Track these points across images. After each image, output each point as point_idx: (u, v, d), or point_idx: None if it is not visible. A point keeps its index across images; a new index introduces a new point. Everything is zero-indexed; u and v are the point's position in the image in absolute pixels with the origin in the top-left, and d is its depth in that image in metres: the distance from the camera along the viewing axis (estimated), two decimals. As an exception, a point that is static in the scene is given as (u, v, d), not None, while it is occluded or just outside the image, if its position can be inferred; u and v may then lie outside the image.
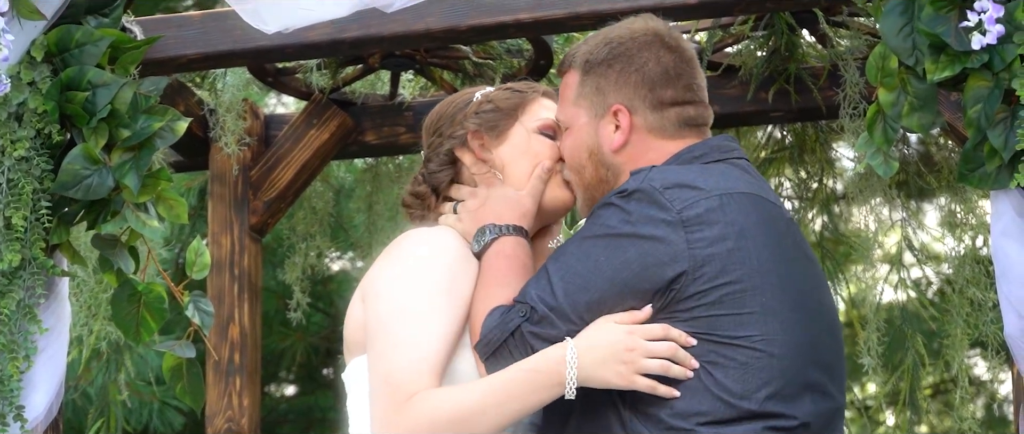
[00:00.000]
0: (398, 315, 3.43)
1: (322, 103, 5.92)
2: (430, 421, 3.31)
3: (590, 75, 3.58)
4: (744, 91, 5.80)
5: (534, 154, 3.68)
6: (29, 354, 3.87)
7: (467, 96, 3.80)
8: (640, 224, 3.31)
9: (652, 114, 3.54)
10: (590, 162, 3.57)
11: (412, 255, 3.51)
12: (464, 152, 3.71)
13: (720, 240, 3.30)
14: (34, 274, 3.88)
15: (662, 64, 3.57)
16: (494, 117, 3.71)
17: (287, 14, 3.97)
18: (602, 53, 3.58)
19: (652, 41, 3.59)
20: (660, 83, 3.56)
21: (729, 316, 3.30)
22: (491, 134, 3.69)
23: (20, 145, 3.87)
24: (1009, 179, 3.52)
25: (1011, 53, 3.49)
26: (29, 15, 3.86)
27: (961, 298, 6.11)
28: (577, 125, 3.58)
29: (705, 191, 3.35)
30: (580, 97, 3.59)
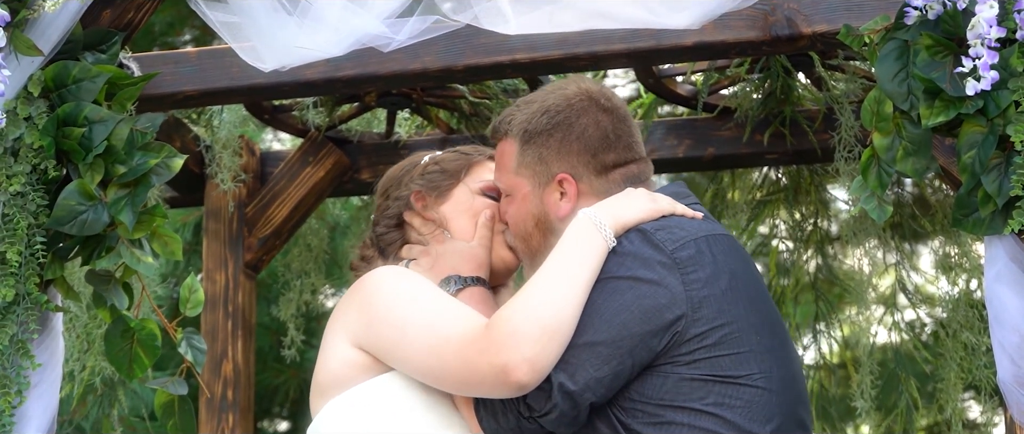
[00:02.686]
0: (415, 308, 3.41)
1: (318, 141, 5.93)
2: (526, 317, 3.25)
3: (530, 145, 3.59)
4: (740, 133, 5.81)
5: (476, 211, 3.74)
6: (22, 389, 3.86)
7: (416, 159, 3.87)
8: (636, 267, 3.31)
9: (597, 179, 3.57)
10: (537, 230, 3.59)
11: (386, 278, 3.52)
12: (412, 215, 3.77)
13: (713, 281, 3.32)
14: (28, 309, 3.87)
15: (601, 128, 3.59)
16: (438, 178, 3.78)
17: (284, 52, 3.98)
18: (541, 123, 3.58)
19: (588, 106, 3.60)
20: (602, 148, 3.58)
21: (729, 356, 3.31)
22: (433, 194, 3.76)
23: (16, 180, 3.86)
24: (1003, 225, 3.52)
25: (1006, 99, 3.49)
26: (26, 51, 3.86)
27: (955, 342, 6.11)
28: (520, 194, 3.61)
29: (690, 232, 3.37)
30: (521, 166, 3.61)
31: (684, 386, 3.28)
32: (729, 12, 3.93)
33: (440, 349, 3.33)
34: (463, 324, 3.32)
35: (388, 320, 3.43)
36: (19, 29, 3.86)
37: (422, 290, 3.44)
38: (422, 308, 3.39)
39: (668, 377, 3.28)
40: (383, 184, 3.90)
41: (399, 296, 3.44)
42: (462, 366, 3.28)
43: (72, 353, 5.84)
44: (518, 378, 3.20)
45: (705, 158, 5.93)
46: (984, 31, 3.46)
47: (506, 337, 3.23)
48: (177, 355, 4.22)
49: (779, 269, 6.78)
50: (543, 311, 3.24)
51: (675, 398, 3.28)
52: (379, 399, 3.47)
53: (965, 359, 6.10)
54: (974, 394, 7.64)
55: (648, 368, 3.29)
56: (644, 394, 3.28)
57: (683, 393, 3.27)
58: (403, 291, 3.45)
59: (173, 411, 4.16)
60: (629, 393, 3.29)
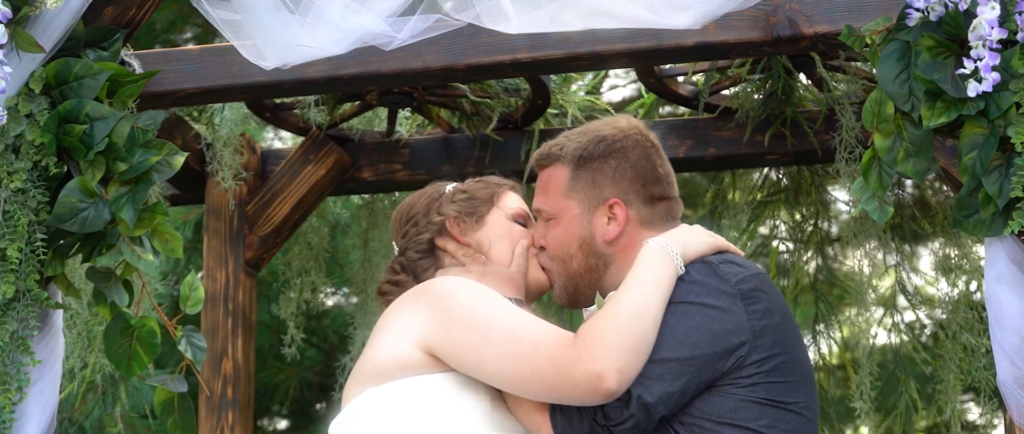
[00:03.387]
0: (499, 314, 3.50)
1: (319, 139, 5.93)
2: (617, 330, 3.37)
3: (584, 169, 3.71)
4: (740, 133, 5.81)
5: (513, 237, 3.83)
6: (22, 386, 3.86)
7: (437, 189, 3.93)
8: (705, 295, 3.44)
9: (645, 208, 3.70)
10: (580, 251, 3.70)
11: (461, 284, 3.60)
12: (446, 240, 3.84)
13: (769, 314, 3.46)
14: (28, 306, 3.87)
15: (651, 162, 3.74)
16: (471, 204, 3.86)
17: (286, 50, 3.97)
18: (598, 149, 3.72)
19: (641, 140, 3.75)
20: (651, 180, 3.72)
21: (782, 383, 3.45)
22: (470, 219, 3.84)
23: (17, 177, 3.86)
24: (1003, 226, 3.52)
25: (1007, 100, 3.50)
26: (28, 47, 3.86)
27: (954, 343, 6.11)
28: (567, 217, 3.71)
29: (746, 267, 3.52)
30: (572, 190, 3.72)
31: (741, 407, 3.41)
32: (731, 12, 3.93)
33: (529, 355, 3.43)
34: (551, 333, 3.44)
35: (468, 324, 3.51)
36: (21, 26, 3.86)
37: (499, 298, 3.56)
38: (504, 315, 3.50)
39: (727, 397, 3.41)
40: (405, 213, 3.95)
41: (477, 302, 3.54)
42: (554, 373, 3.39)
43: (73, 350, 5.84)
44: (608, 386, 3.33)
45: (706, 158, 5.93)
46: (986, 32, 3.47)
47: (599, 347, 3.35)
48: (177, 353, 4.22)
49: (779, 270, 6.78)
50: (631, 326, 3.37)
51: (733, 417, 3.41)
52: (432, 395, 3.55)
53: (964, 361, 6.10)
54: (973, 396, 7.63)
55: (710, 388, 3.42)
56: (704, 411, 3.41)
57: (740, 413, 3.41)
58: (480, 298, 3.55)
59: (173, 409, 4.17)
60: (690, 409, 3.42)
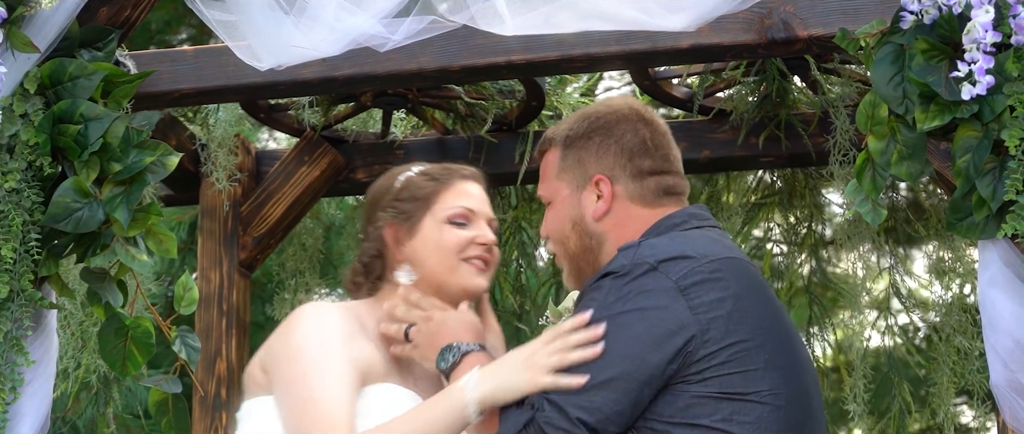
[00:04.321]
0: (304, 374, 3.54)
1: (314, 140, 5.93)
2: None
3: (571, 149, 3.68)
4: (735, 136, 5.81)
5: (444, 246, 3.77)
6: (15, 386, 3.86)
7: (390, 179, 3.88)
8: (640, 298, 3.35)
9: (632, 183, 3.63)
10: (574, 232, 3.65)
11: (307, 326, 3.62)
12: (386, 248, 3.83)
13: (719, 303, 3.36)
14: (22, 306, 3.87)
15: (640, 136, 3.67)
16: (409, 208, 3.81)
17: (280, 51, 3.98)
18: (582, 128, 3.69)
19: (629, 115, 3.69)
20: (639, 153, 3.65)
21: (738, 374, 3.34)
22: (405, 227, 3.80)
23: (11, 177, 3.86)
24: (997, 229, 3.52)
25: (1001, 104, 3.50)
26: (23, 47, 3.86)
27: (948, 346, 6.12)
28: (559, 198, 3.68)
29: (696, 259, 3.40)
30: (561, 171, 3.68)
31: (694, 404, 3.32)
32: (725, 15, 3.94)
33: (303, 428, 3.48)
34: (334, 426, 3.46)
35: (288, 370, 3.59)
36: (16, 26, 3.86)
37: (326, 355, 3.56)
38: (318, 381, 3.53)
39: (679, 396, 3.32)
40: (368, 201, 3.93)
41: (303, 353, 3.57)
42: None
43: (66, 350, 5.84)
44: None
45: (700, 160, 5.93)
46: (980, 36, 3.47)
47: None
48: (171, 353, 4.21)
49: (773, 272, 6.78)
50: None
51: (685, 416, 3.32)
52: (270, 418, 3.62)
53: (958, 363, 6.11)
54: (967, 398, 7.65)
55: (660, 388, 3.32)
56: (655, 412, 3.33)
57: (693, 410, 3.31)
58: (310, 350, 3.58)
59: (167, 409, 4.17)
60: (643, 412, 3.34)
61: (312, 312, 3.67)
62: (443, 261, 3.75)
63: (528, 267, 6.66)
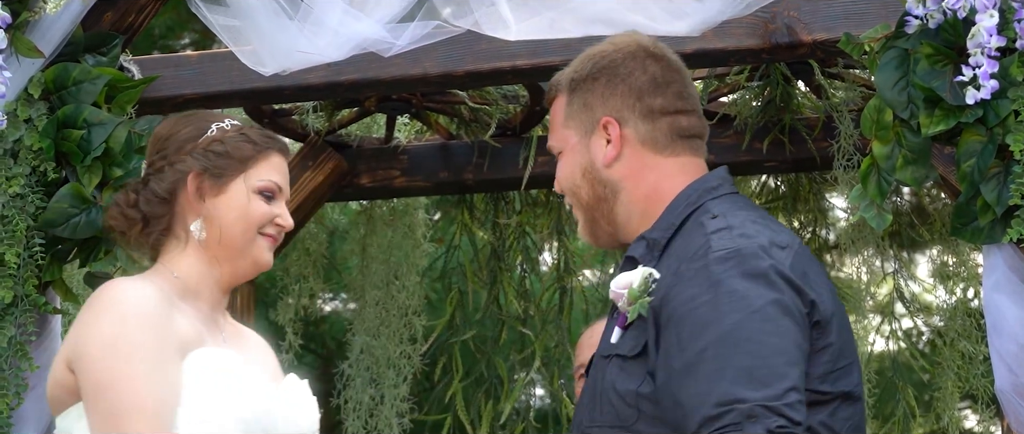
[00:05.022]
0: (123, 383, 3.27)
1: (318, 145, 5.93)
2: None
3: (576, 93, 3.48)
4: (739, 140, 5.80)
5: (250, 217, 3.53)
6: (19, 391, 3.86)
7: (203, 124, 3.60)
8: (772, 290, 3.15)
9: (643, 124, 3.44)
10: (585, 181, 3.47)
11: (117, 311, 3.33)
12: (185, 196, 3.54)
13: (822, 303, 3.22)
14: (26, 311, 3.88)
15: (649, 73, 3.47)
16: (221, 163, 3.54)
17: (285, 56, 3.98)
18: (586, 69, 3.47)
19: (636, 51, 3.49)
20: (648, 91, 3.46)
21: (838, 370, 3.24)
22: (213, 182, 3.53)
23: (15, 182, 3.87)
24: (1002, 234, 3.52)
25: (1005, 108, 3.50)
26: (27, 52, 3.87)
27: (952, 351, 6.11)
28: (568, 146, 3.49)
29: (789, 248, 3.24)
30: (568, 118, 3.50)
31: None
32: (729, 20, 3.94)
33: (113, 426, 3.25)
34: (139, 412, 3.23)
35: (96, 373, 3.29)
36: (20, 31, 3.87)
37: (138, 349, 3.29)
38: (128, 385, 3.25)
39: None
40: (162, 136, 3.61)
41: (118, 346, 3.29)
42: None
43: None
44: None
45: (705, 165, 5.93)
46: (984, 40, 3.47)
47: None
48: (175, 358, 4.21)
49: (777, 276, 6.77)
50: None
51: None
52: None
53: (962, 368, 6.10)
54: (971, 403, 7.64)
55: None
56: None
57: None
58: (126, 341, 3.29)
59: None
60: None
61: (120, 295, 3.35)
62: (245, 230, 3.53)
63: (532, 271, 6.65)
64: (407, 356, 6.29)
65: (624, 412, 3.24)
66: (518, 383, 6.65)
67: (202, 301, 3.53)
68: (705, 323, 3.12)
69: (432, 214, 6.95)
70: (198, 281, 3.53)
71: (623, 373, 3.27)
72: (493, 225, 6.47)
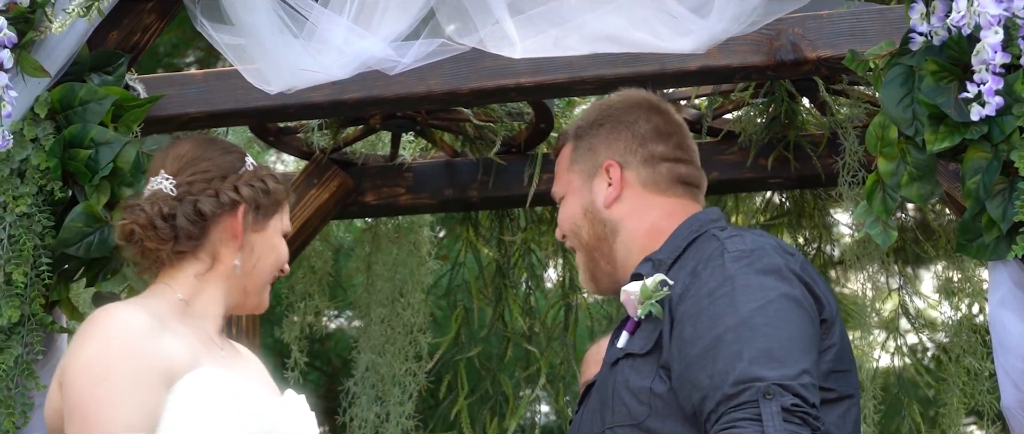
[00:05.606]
0: (93, 406, 3.27)
1: (322, 163, 5.93)
2: None
3: (582, 139, 3.67)
4: (744, 157, 5.81)
5: (277, 255, 3.62)
6: (25, 410, 3.86)
7: (235, 156, 3.63)
8: (785, 283, 3.30)
9: (644, 168, 3.60)
10: (586, 220, 3.61)
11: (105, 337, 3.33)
12: (229, 222, 3.55)
13: (828, 303, 3.38)
14: (33, 330, 3.88)
15: (652, 122, 3.64)
16: (266, 201, 3.59)
17: (289, 74, 3.98)
18: (592, 116, 3.69)
19: (641, 103, 3.68)
20: (651, 139, 3.62)
21: (841, 372, 3.37)
22: (259, 216, 3.58)
23: (22, 201, 3.87)
24: (1007, 250, 3.52)
25: (1010, 125, 3.50)
26: (33, 72, 3.87)
27: (958, 367, 6.11)
28: (571, 190, 3.65)
29: (796, 255, 3.40)
30: (573, 163, 3.67)
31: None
32: (734, 37, 3.94)
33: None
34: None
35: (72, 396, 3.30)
36: (26, 50, 3.88)
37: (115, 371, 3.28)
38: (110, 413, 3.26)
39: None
40: (190, 157, 3.59)
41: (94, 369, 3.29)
42: None
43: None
44: None
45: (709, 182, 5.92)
46: (989, 57, 3.47)
47: None
48: (181, 376, 4.22)
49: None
50: None
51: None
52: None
53: (968, 384, 6.10)
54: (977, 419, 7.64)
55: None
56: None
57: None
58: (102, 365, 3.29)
59: None
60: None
61: (107, 320, 3.36)
62: (272, 268, 3.60)
63: (537, 288, 6.66)
64: (412, 373, 6.29)
65: (636, 409, 3.34)
66: (523, 400, 6.65)
67: (207, 322, 3.54)
68: (722, 313, 3.25)
69: (437, 231, 6.96)
70: (208, 305, 3.55)
71: (635, 371, 3.38)
72: (498, 242, 6.48)
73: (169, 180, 3.53)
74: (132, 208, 3.54)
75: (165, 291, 3.52)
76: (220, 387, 3.38)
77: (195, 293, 3.53)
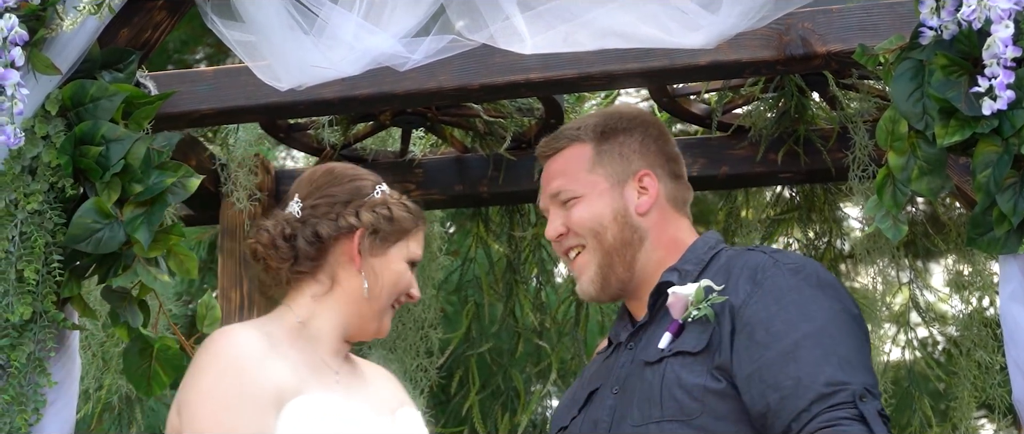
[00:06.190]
0: (205, 428, 3.43)
1: (333, 159, 5.93)
2: None
3: (610, 143, 3.72)
4: (754, 152, 5.81)
5: (400, 283, 3.71)
6: (38, 407, 3.87)
7: (363, 182, 3.77)
8: (847, 299, 3.50)
9: (671, 183, 3.72)
10: (614, 224, 3.68)
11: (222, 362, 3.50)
12: (347, 245, 3.69)
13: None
14: (45, 327, 3.88)
15: (671, 144, 3.79)
16: (388, 225, 3.70)
17: (300, 71, 3.99)
18: (621, 123, 3.72)
19: (656, 121, 3.83)
20: (674, 159, 3.76)
21: None
22: (377, 241, 3.69)
23: (33, 198, 3.88)
24: (1018, 244, 3.52)
25: (1021, 118, 3.49)
26: (44, 70, 3.88)
27: (968, 360, 6.11)
28: (595, 192, 3.70)
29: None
30: (598, 166, 3.72)
31: None
32: (743, 32, 3.94)
33: None
34: None
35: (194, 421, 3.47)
36: (37, 48, 3.89)
37: (235, 403, 3.44)
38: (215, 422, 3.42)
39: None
40: (326, 180, 3.78)
41: (213, 396, 3.46)
42: None
43: (88, 371, 5.85)
44: None
45: (719, 177, 5.92)
46: (1000, 51, 3.47)
47: None
48: (192, 373, 4.22)
49: (792, 287, 6.76)
50: None
51: None
52: None
53: (979, 378, 6.10)
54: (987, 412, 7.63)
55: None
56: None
57: None
58: (220, 392, 3.45)
59: (190, 429, 4.17)
60: None
61: (223, 346, 3.54)
62: (392, 294, 3.70)
63: (548, 284, 6.66)
64: (423, 369, 6.29)
65: (689, 406, 3.41)
66: (535, 395, 6.65)
67: (320, 346, 3.66)
68: (796, 319, 3.39)
69: (447, 227, 6.95)
70: (323, 327, 3.68)
71: (686, 369, 3.48)
72: (508, 238, 6.47)
73: (298, 204, 3.71)
74: (259, 228, 3.73)
75: (285, 313, 3.67)
76: (326, 413, 3.50)
77: (312, 315, 3.66)
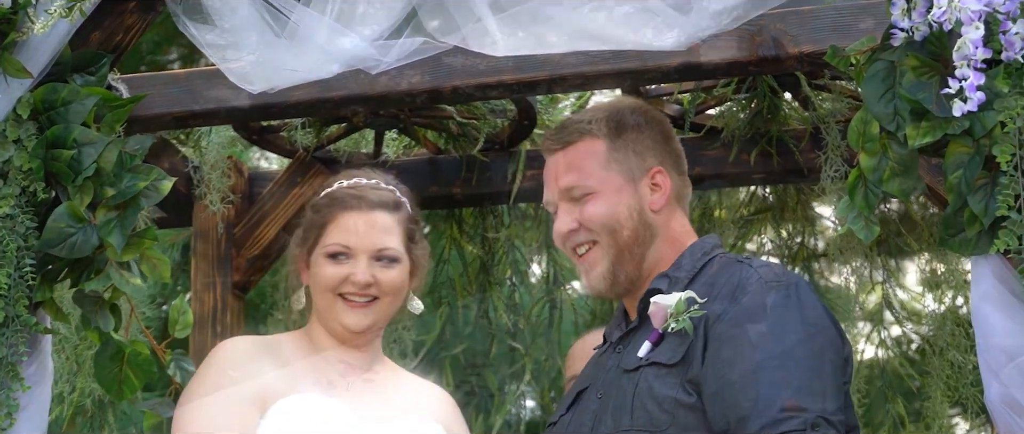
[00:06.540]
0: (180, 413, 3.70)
1: (306, 161, 5.93)
2: None
3: (623, 138, 3.71)
4: (726, 152, 5.81)
5: (323, 283, 3.86)
6: (11, 411, 3.86)
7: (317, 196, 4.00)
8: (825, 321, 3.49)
9: (679, 180, 3.75)
10: (630, 221, 3.68)
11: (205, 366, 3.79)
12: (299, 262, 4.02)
13: (847, 344, 3.56)
14: (17, 332, 3.87)
15: (676, 139, 3.82)
16: (306, 235, 3.93)
17: (272, 73, 3.98)
18: (634, 119, 3.70)
19: (665, 119, 3.83)
20: (681, 156, 3.79)
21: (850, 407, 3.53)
22: (305, 251, 3.92)
23: (5, 202, 3.86)
24: (989, 245, 3.53)
25: (991, 120, 3.50)
26: (15, 73, 3.87)
27: (941, 359, 6.12)
28: (611, 187, 3.70)
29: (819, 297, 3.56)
30: (613, 162, 3.72)
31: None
32: (716, 33, 3.94)
33: None
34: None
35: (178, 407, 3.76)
36: (8, 51, 3.87)
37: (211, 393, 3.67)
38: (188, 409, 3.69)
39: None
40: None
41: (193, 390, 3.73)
42: None
43: (61, 375, 5.83)
44: None
45: (692, 177, 5.89)
46: (970, 52, 3.48)
47: None
48: (166, 376, 4.22)
49: (766, 287, 6.76)
50: None
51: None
52: None
53: (952, 377, 6.11)
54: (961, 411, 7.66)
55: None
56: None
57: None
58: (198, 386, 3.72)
59: (162, 432, 4.16)
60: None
61: (217, 351, 3.81)
62: (323, 297, 3.83)
63: (521, 285, 6.66)
64: (397, 371, 6.28)
65: (659, 418, 3.40)
66: (509, 396, 6.66)
67: (329, 352, 3.84)
68: (765, 340, 3.36)
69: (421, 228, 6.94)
70: (319, 335, 3.89)
71: (660, 380, 3.46)
72: (482, 239, 6.47)
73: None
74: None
75: (308, 326, 3.91)
76: (304, 412, 3.62)
77: (312, 326, 3.89)
